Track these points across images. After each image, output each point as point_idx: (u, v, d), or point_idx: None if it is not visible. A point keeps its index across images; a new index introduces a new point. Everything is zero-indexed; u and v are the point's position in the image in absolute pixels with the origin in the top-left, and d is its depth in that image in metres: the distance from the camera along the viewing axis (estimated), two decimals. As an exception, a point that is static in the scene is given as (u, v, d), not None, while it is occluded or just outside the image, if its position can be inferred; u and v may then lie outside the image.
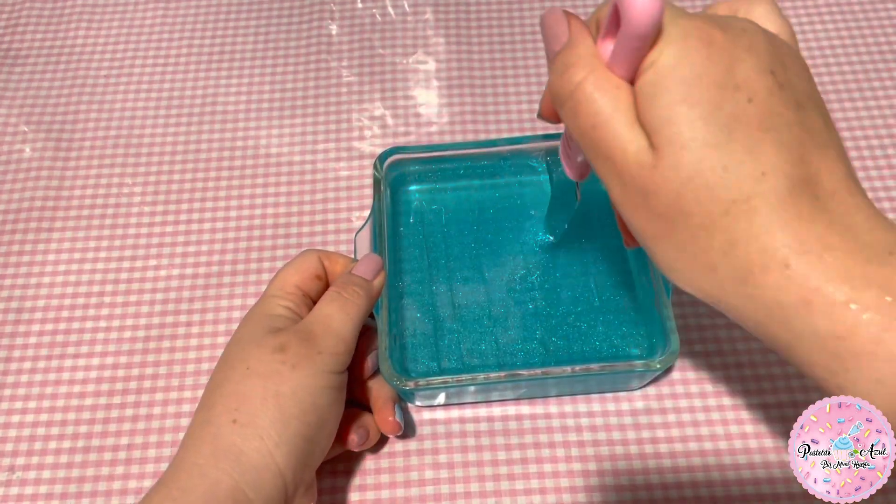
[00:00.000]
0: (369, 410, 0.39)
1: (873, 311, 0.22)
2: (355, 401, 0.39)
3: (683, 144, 0.23)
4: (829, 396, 0.24)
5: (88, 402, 0.42)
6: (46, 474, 0.40)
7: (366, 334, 0.39)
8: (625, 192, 0.25)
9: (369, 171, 0.49)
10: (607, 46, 0.25)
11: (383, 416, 0.37)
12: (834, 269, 0.22)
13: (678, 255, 0.25)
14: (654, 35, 0.23)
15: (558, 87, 0.25)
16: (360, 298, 0.36)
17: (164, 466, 0.40)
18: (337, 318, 0.35)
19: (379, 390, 0.38)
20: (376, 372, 0.39)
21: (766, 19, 0.26)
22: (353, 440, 0.37)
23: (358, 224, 0.47)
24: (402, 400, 0.40)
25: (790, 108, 0.24)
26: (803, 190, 0.23)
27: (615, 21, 0.24)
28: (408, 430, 0.41)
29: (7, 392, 0.42)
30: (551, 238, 0.44)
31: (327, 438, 0.34)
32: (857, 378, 0.23)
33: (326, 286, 0.38)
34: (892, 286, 0.22)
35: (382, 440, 0.40)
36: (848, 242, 0.23)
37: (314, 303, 0.37)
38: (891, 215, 0.46)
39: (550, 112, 0.29)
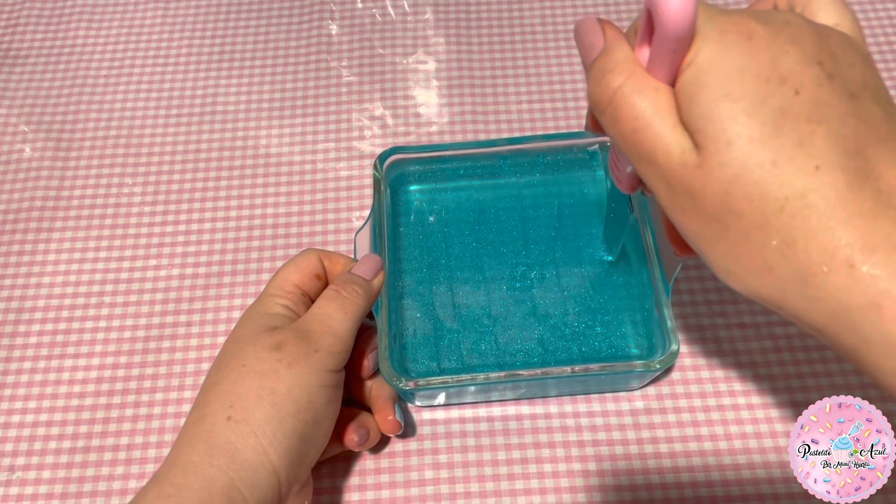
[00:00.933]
0: (368, 410, 0.39)
1: None
2: (355, 400, 0.39)
3: (728, 140, 0.22)
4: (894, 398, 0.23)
5: (88, 402, 0.42)
6: (46, 474, 0.40)
7: (366, 334, 0.39)
8: (672, 196, 0.24)
9: (369, 171, 0.49)
10: (644, 53, 0.25)
11: (383, 415, 0.37)
12: None
13: (733, 258, 0.24)
14: (689, 36, 0.23)
15: (597, 94, 0.25)
16: (359, 297, 0.36)
17: (164, 466, 0.40)
18: (335, 316, 0.35)
19: (379, 390, 0.38)
20: (376, 371, 0.39)
21: (824, 11, 0.25)
22: (354, 440, 0.37)
23: (358, 224, 0.47)
24: (401, 400, 0.40)
25: (843, 98, 0.23)
26: (864, 184, 0.22)
27: (650, 25, 0.24)
28: (408, 429, 0.41)
29: (7, 392, 0.42)
30: (609, 257, 0.43)
31: (323, 437, 0.34)
32: None
33: (326, 286, 0.38)
34: None
35: (383, 440, 0.40)
36: None
37: (313, 302, 0.37)
38: (891, 215, 0.46)
39: (596, 124, 0.28)
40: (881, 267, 0.21)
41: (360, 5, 0.57)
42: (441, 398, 0.40)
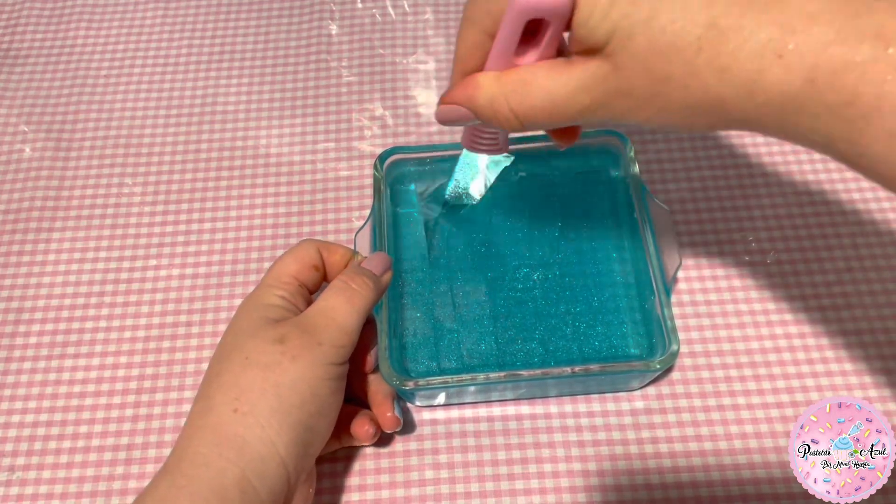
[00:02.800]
0: (366, 406, 0.39)
1: (871, 66, 0.23)
2: (353, 397, 0.39)
3: (629, 32, 0.25)
4: (856, 170, 0.25)
5: (88, 402, 0.42)
6: (46, 474, 0.40)
7: (368, 329, 0.39)
8: (614, 108, 0.27)
9: (369, 171, 0.49)
10: (493, 63, 0.30)
11: (382, 411, 0.38)
12: (825, 37, 0.23)
13: (688, 115, 0.26)
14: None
15: (504, 122, 0.30)
16: (368, 291, 0.36)
17: (164, 466, 0.40)
18: (342, 310, 0.35)
19: (378, 386, 0.38)
20: (376, 368, 0.39)
21: None
22: (370, 432, 0.37)
23: (358, 224, 0.47)
24: (401, 399, 0.40)
25: None
26: None
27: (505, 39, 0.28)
28: (408, 429, 0.41)
29: (7, 392, 0.42)
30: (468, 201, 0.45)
31: (327, 427, 0.35)
32: (872, 139, 0.23)
33: (324, 277, 0.38)
34: (884, 32, 0.23)
35: (383, 438, 0.40)
36: (828, 2, 0.23)
37: (310, 293, 0.37)
38: (891, 215, 0.46)
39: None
40: (804, 43, 0.23)
41: (360, 5, 0.57)
42: (441, 398, 0.40)
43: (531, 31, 0.28)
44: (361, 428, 0.37)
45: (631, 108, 0.27)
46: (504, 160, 0.42)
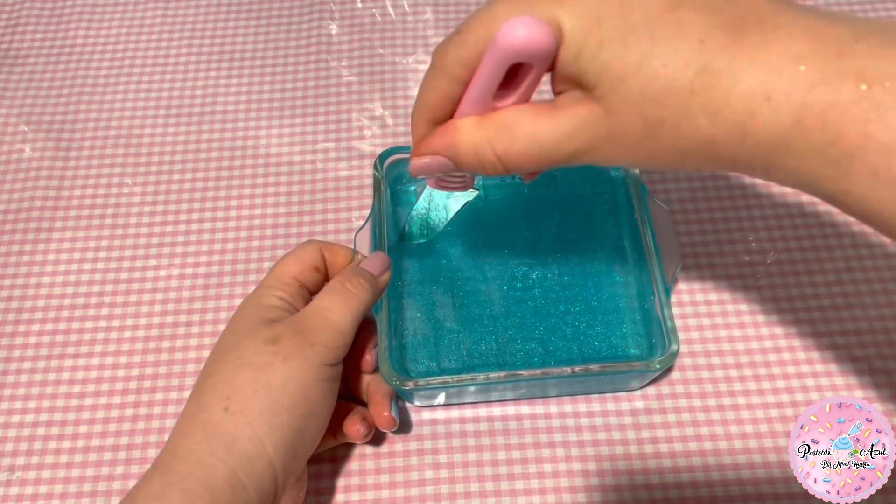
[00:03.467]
0: (363, 405, 0.39)
1: (854, 105, 0.23)
2: (350, 395, 0.39)
3: (620, 75, 0.25)
4: (842, 208, 0.25)
5: (88, 402, 0.42)
6: (46, 474, 0.40)
7: (368, 328, 0.39)
8: (605, 151, 0.27)
9: (369, 171, 0.49)
10: (469, 107, 0.28)
11: (379, 410, 0.37)
12: (810, 78, 0.23)
13: (679, 156, 0.26)
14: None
15: (488, 166, 0.29)
16: (364, 292, 0.36)
17: (164, 466, 0.40)
18: (337, 310, 0.35)
19: (377, 385, 0.38)
20: (376, 368, 0.39)
21: None
22: (361, 431, 0.37)
23: (358, 224, 0.47)
24: (399, 398, 0.40)
25: None
26: (744, 27, 0.24)
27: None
28: (408, 429, 0.41)
29: (7, 392, 0.42)
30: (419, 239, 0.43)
31: (318, 430, 0.35)
32: (855, 178, 0.23)
33: (325, 278, 0.38)
34: (865, 73, 0.23)
35: (383, 438, 0.40)
36: (812, 43, 0.24)
37: (311, 294, 0.37)
38: (891, 215, 0.46)
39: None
40: (790, 82, 0.23)
41: (360, 5, 0.57)
42: (441, 398, 0.40)
43: (510, 74, 0.27)
44: (353, 427, 0.37)
45: (621, 152, 0.27)
46: (469, 195, 0.40)
